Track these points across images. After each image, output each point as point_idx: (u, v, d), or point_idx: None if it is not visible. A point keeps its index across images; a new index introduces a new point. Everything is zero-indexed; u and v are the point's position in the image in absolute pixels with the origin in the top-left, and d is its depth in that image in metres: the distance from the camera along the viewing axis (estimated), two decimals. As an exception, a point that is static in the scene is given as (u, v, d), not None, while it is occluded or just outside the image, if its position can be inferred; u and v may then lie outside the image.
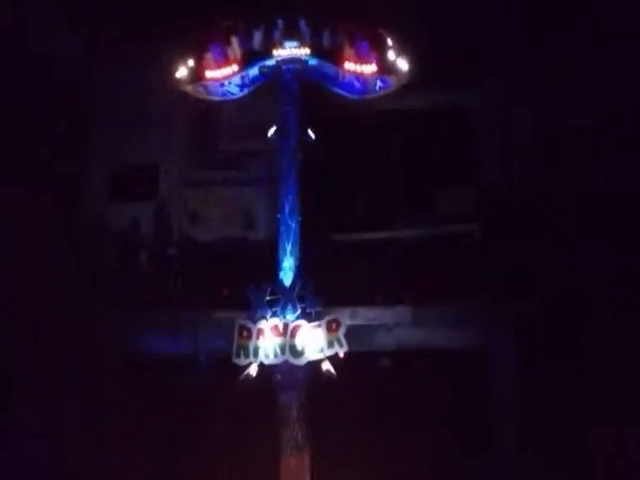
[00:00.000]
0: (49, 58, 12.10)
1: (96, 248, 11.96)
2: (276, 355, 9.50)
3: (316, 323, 9.55)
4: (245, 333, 9.61)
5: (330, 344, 9.51)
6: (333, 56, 10.08)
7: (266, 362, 9.51)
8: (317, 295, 9.68)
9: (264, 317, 9.62)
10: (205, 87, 10.36)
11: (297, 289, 9.69)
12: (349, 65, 10.03)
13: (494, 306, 11.36)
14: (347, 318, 10.80)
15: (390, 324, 11.60)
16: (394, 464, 11.25)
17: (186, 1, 11.97)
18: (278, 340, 9.52)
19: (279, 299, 9.70)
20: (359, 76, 10.13)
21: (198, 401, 11.19)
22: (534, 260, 11.23)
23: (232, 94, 10.47)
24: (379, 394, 11.52)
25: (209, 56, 10.11)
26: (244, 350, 9.57)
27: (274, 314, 9.63)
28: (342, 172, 12.11)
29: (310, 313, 9.61)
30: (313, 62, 10.16)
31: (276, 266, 10.01)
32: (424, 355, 11.62)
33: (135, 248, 12.17)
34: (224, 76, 10.18)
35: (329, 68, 10.20)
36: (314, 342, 9.49)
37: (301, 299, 9.65)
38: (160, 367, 11.37)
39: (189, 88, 10.34)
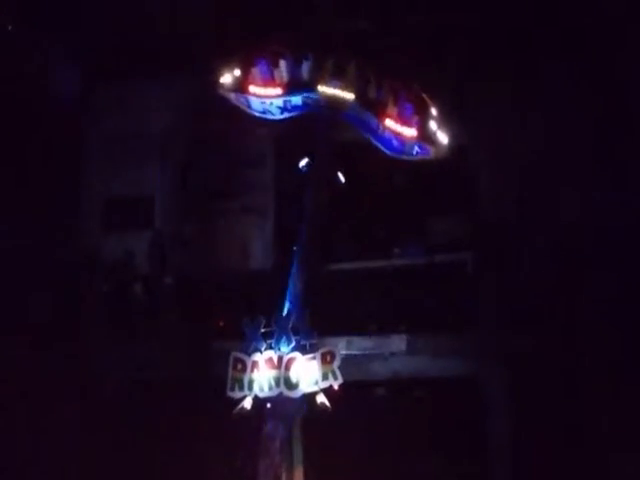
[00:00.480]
0: (46, 91, 12.15)
1: (92, 279, 11.98)
2: (271, 388, 9.50)
3: (311, 355, 9.56)
4: (240, 366, 9.61)
5: (325, 376, 9.51)
6: (376, 108, 10.08)
7: (261, 395, 9.51)
8: (311, 327, 9.70)
9: (259, 350, 9.63)
10: (247, 100, 10.36)
11: (292, 321, 9.70)
12: (390, 122, 10.02)
13: (488, 336, 11.37)
14: (343, 348, 10.88)
15: (386, 353, 11.58)
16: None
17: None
18: (273, 373, 9.52)
19: (274, 331, 9.72)
20: (398, 136, 10.13)
21: (194, 432, 11.18)
22: (528, 290, 11.25)
23: (272, 114, 10.49)
24: (375, 422, 11.49)
25: (255, 71, 10.15)
26: (239, 383, 9.57)
27: (269, 346, 9.64)
28: (337, 202, 12.11)
29: (304, 345, 9.62)
30: (355, 107, 10.17)
31: (271, 297, 10.05)
32: (419, 384, 11.62)
33: (130, 279, 12.18)
34: (267, 95, 10.21)
35: (370, 118, 10.19)
36: (309, 374, 9.50)
37: (296, 331, 9.67)
38: (156, 398, 11.36)
39: (232, 96, 10.31)
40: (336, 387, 9.50)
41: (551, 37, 11.51)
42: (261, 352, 9.62)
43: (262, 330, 9.72)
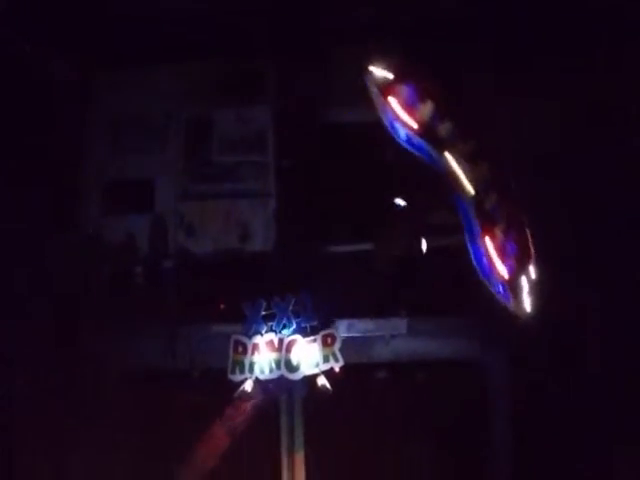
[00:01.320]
0: (45, 72, 12.10)
1: (91, 262, 11.95)
2: (272, 370, 9.60)
3: (311, 338, 9.62)
4: (240, 349, 9.69)
5: (325, 359, 9.59)
6: (483, 222, 9.70)
7: (261, 377, 9.59)
8: (313, 309, 9.73)
9: (259, 332, 9.67)
10: (382, 105, 9.96)
11: (292, 303, 9.73)
12: (489, 243, 9.59)
13: (489, 318, 11.33)
14: (344, 330, 10.89)
15: (387, 336, 11.58)
16: (392, 476, 11.29)
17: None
18: (273, 355, 9.60)
19: (274, 314, 9.74)
20: (489, 260, 9.68)
21: (194, 416, 11.18)
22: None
23: (397, 134, 10.08)
24: (376, 405, 11.51)
25: (403, 89, 9.79)
26: (239, 366, 9.64)
27: (269, 329, 9.68)
28: (336, 183, 12.09)
29: (305, 328, 9.66)
30: (467, 202, 9.80)
31: (272, 279, 10.06)
32: (421, 366, 11.62)
33: (131, 262, 12.15)
34: (400, 119, 9.77)
35: (474, 223, 9.80)
36: (309, 357, 9.55)
37: (296, 314, 9.70)
38: (156, 382, 11.37)
39: (373, 90, 9.93)
40: (337, 369, 9.55)
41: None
42: (262, 335, 9.66)
43: (263, 313, 9.76)
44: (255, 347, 9.64)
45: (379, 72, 9.93)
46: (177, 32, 11.81)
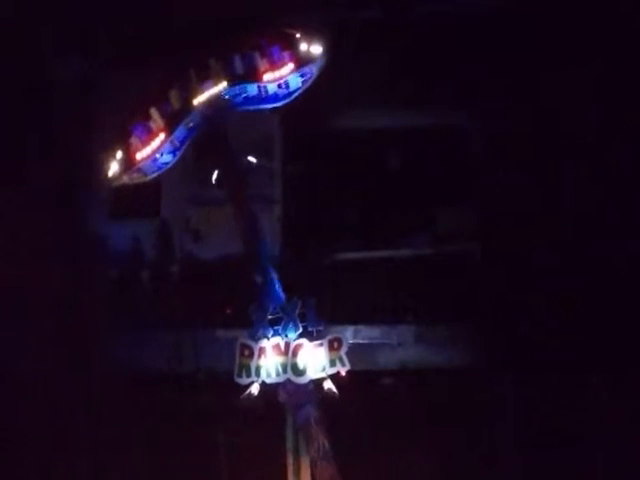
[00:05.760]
0: (49, 71, 12.13)
1: (97, 266, 11.94)
2: (278, 374, 9.51)
3: (318, 342, 9.55)
4: (247, 352, 9.62)
5: (332, 363, 9.50)
6: (250, 76, 9.82)
7: (268, 381, 9.52)
8: (319, 314, 9.68)
9: (266, 336, 9.62)
10: (139, 169, 10.12)
11: (298, 308, 9.69)
12: (268, 76, 9.74)
13: (495, 326, 11.33)
14: (350, 336, 10.88)
15: (393, 343, 11.56)
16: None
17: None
18: (280, 359, 9.53)
19: (281, 318, 9.70)
20: (280, 81, 9.81)
21: (199, 420, 11.15)
22: (537, 280, 11.21)
23: (167, 163, 10.26)
24: (381, 412, 11.46)
25: (134, 139, 9.90)
26: (246, 369, 9.59)
27: (276, 333, 9.64)
28: (342, 191, 12.11)
29: (312, 332, 9.61)
30: (233, 91, 9.91)
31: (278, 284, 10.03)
32: (426, 374, 11.59)
33: (136, 266, 12.14)
34: (154, 150, 9.96)
35: (251, 88, 9.93)
36: (316, 361, 9.49)
37: (303, 317, 9.65)
38: (161, 386, 11.34)
39: (124, 179, 10.10)
40: (343, 373, 9.50)
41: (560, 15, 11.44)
42: (268, 338, 9.61)
43: (269, 316, 9.72)
44: (262, 350, 9.56)
45: (114, 168, 10.06)
46: (182, 33, 11.84)
